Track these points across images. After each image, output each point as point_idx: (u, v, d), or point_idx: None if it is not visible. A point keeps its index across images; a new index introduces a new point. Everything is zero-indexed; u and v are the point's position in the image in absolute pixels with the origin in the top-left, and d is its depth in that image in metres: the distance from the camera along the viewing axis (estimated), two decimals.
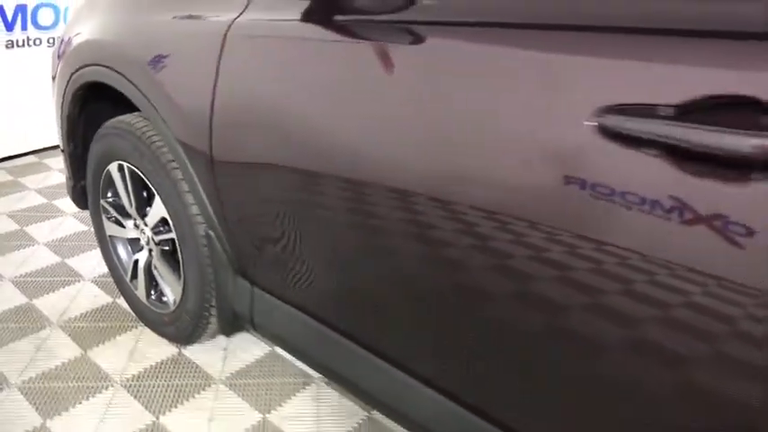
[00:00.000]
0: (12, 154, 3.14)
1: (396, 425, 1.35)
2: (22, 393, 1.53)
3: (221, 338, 1.75)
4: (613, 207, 0.68)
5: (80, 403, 1.50)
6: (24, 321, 1.81)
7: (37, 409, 1.48)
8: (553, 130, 0.74)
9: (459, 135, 0.84)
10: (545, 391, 0.86)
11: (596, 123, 0.69)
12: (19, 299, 1.93)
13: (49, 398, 1.51)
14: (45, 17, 3.06)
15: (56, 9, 3.07)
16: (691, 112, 0.63)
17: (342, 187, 1.03)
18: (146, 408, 1.50)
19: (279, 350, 1.71)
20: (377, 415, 1.49)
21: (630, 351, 0.73)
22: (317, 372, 1.44)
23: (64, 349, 1.70)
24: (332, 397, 1.56)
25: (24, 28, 3.02)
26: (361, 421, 1.48)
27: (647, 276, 0.68)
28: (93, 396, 1.53)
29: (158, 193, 1.49)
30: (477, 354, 0.94)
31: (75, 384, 1.57)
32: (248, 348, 1.73)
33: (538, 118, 0.75)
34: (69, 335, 1.76)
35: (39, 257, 2.19)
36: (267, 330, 1.38)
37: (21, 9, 2.96)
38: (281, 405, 1.52)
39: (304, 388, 1.58)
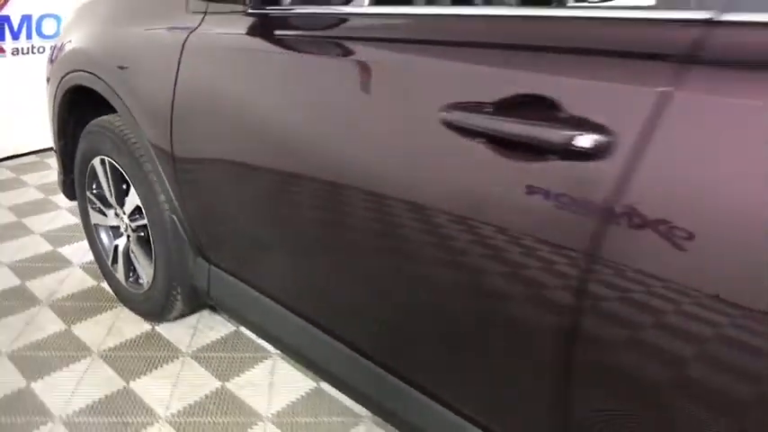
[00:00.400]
0: (15, 153, 3.37)
1: (341, 395, 1.54)
2: (10, 360, 1.72)
3: (192, 318, 1.93)
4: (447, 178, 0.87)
5: (61, 369, 1.69)
6: (17, 300, 2.01)
7: (23, 373, 1.67)
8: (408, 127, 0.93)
9: (364, 128, 1.03)
10: (431, 342, 1.04)
11: (444, 120, 0.87)
12: (13, 281, 2.13)
13: (34, 364, 1.71)
14: (48, 27, 3.30)
15: (58, 19, 3.30)
16: (504, 108, 0.81)
17: (278, 178, 1.22)
18: (118, 374, 1.69)
19: (242, 329, 1.89)
20: (324, 386, 1.67)
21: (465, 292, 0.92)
22: (264, 339, 1.63)
23: (50, 324, 1.90)
24: (286, 369, 1.73)
25: (29, 37, 3.26)
26: (309, 390, 1.66)
27: (469, 234, 0.86)
28: (72, 363, 1.72)
29: (133, 184, 1.69)
30: (388, 321, 1.12)
31: (58, 354, 1.76)
32: (215, 327, 1.92)
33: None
34: (56, 312, 1.96)
35: (34, 245, 2.39)
36: (221, 303, 1.57)
37: (26, 19, 3.20)
38: (238, 375, 1.71)
39: (261, 361, 1.76)
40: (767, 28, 0.64)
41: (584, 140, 0.72)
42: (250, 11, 1.25)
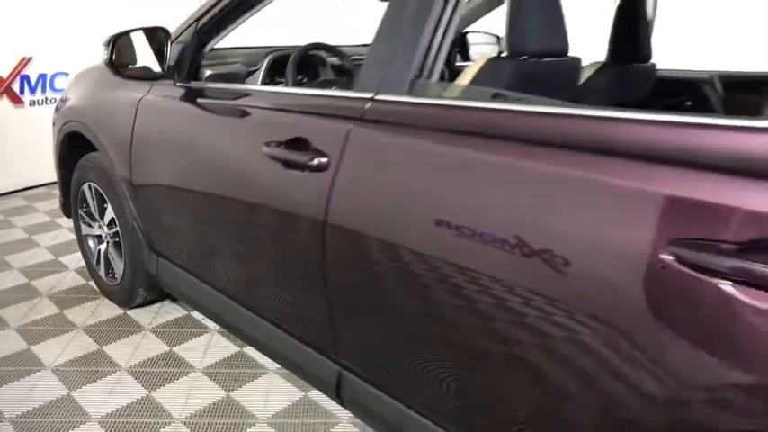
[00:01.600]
0: (29, 185, 4.06)
1: (262, 358, 2.12)
2: (17, 332, 2.34)
3: (155, 306, 2.55)
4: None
5: (52, 338, 2.31)
6: (24, 294, 2.65)
7: (25, 340, 2.29)
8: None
9: (240, 158, 1.66)
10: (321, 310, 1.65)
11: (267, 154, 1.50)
12: (23, 280, 2.77)
13: (32, 335, 2.33)
14: (60, 82, 4.04)
15: (67, 76, 4.04)
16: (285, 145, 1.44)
17: (197, 195, 1.85)
18: (95, 342, 2.29)
19: (193, 313, 2.50)
20: (250, 350, 2.26)
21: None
22: (196, 310, 2.23)
23: (47, 309, 2.52)
24: (221, 339, 2.33)
25: (44, 91, 4.00)
26: (235, 351, 2.25)
27: (307, 231, 1.48)
28: (60, 335, 2.33)
29: (110, 202, 2.34)
30: (284, 292, 1.71)
31: (52, 329, 2.38)
32: (172, 312, 2.53)
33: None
34: (53, 301, 2.59)
35: (39, 255, 3.04)
36: (164, 282, 2.19)
37: (42, 77, 3.94)
38: (183, 343, 2.30)
39: (202, 334, 2.36)
40: (401, 105, 1.27)
41: (317, 160, 1.34)
42: (178, 84, 1.91)
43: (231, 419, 1.88)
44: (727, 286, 0.78)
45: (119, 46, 1.87)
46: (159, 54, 1.84)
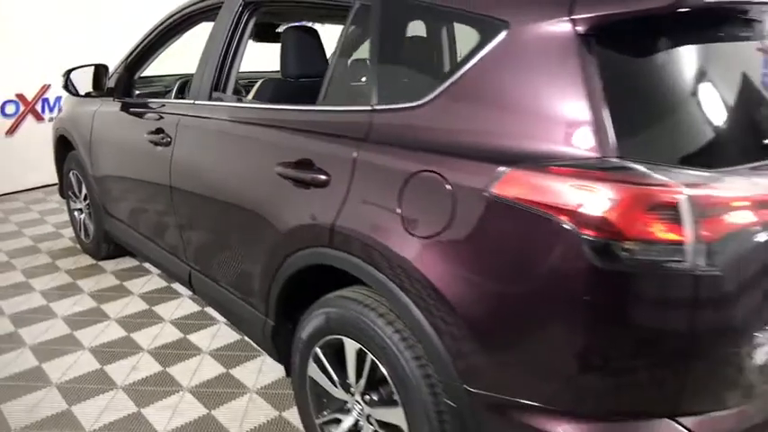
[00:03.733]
0: (46, 183, 5.20)
1: (221, 320, 3.11)
2: (46, 300, 3.40)
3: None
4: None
5: (64, 295, 3.36)
6: (27, 256, 3.73)
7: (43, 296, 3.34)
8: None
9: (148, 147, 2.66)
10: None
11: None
12: (25, 242, 3.86)
13: (40, 285, 3.38)
14: None
15: None
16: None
17: (129, 175, 2.86)
18: (83, 287, 3.32)
19: (156, 273, 3.51)
20: (214, 313, 3.24)
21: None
22: (133, 252, 3.24)
23: (49, 277, 3.58)
24: (184, 296, 3.32)
25: (60, 110, 5.14)
26: (199, 310, 3.24)
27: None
28: (69, 298, 3.38)
29: (84, 184, 3.39)
30: (161, 227, 2.71)
31: (59, 293, 3.43)
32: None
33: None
34: (52, 258, 3.65)
35: (48, 228, 4.13)
36: (113, 234, 3.21)
37: (58, 99, 5.10)
38: (147, 288, 3.30)
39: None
40: (203, 106, 2.24)
41: (166, 140, 2.31)
42: (116, 100, 2.93)
43: None
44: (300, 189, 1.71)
45: (72, 76, 2.91)
46: (98, 81, 2.87)
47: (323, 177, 1.62)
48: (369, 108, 1.57)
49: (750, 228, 1.14)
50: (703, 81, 1.31)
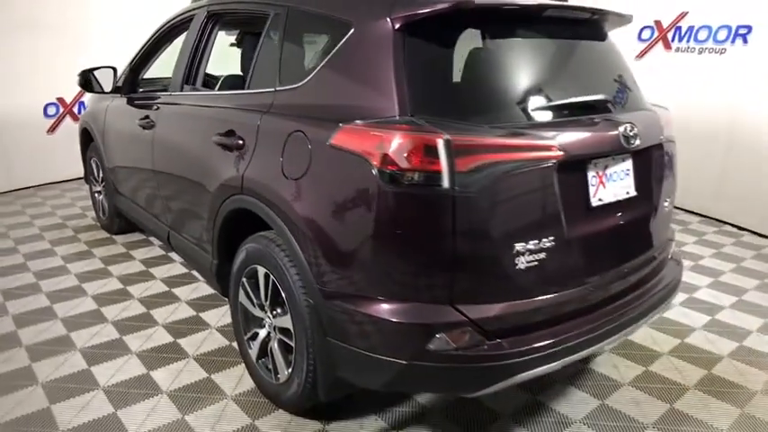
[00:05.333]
0: (78, 176, 5.92)
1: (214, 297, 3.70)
2: (64, 262, 4.05)
3: (133, 235, 4.19)
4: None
5: (80, 256, 4.01)
6: (56, 231, 4.40)
7: (62, 258, 4.00)
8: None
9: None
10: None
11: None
12: (56, 220, 4.54)
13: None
14: None
15: None
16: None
17: (131, 157, 3.47)
18: (95, 254, 3.95)
19: (158, 244, 4.11)
20: (197, 278, 3.83)
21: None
22: (136, 224, 3.84)
23: (67, 245, 4.24)
24: (176, 261, 3.92)
25: None
26: (186, 272, 3.83)
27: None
28: (80, 262, 4.02)
29: (101, 168, 4.03)
30: (162, 204, 3.30)
31: (78, 263, 4.08)
32: (140, 237, 4.16)
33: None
34: (75, 232, 4.31)
35: (75, 209, 4.82)
36: (120, 208, 3.83)
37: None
38: (149, 255, 3.91)
39: (167, 256, 3.97)
40: (177, 95, 2.80)
41: (239, 142, 2.79)
42: (124, 96, 3.54)
43: None
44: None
45: (84, 76, 3.54)
46: (108, 81, 3.50)
47: (240, 142, 2.16)
48: (273, 90, 2.10)
49: (497, 163, 1.59)
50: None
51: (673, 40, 5.13)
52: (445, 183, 1.55)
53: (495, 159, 1.59)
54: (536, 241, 1.66)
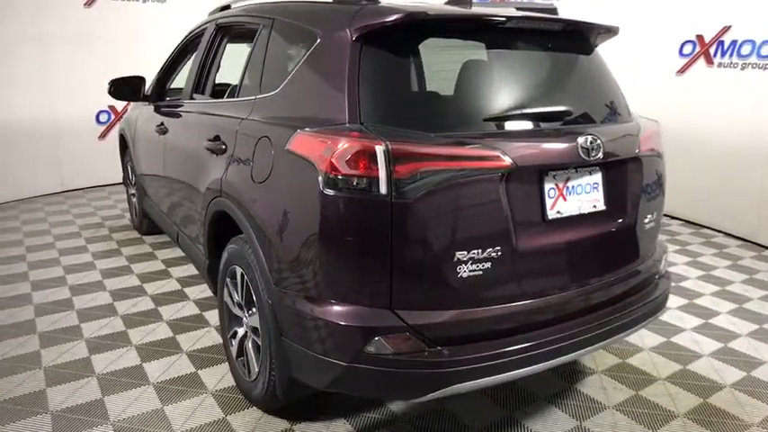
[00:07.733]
0: (112, 182, 6.29)
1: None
2: (93, 258, 4.33)
3: (162, 236, 4.41)
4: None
5: (105, 251, 4.27)
6: (95, 230, 4.69)
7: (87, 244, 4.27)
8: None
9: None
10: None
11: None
12: (91, 211, 4.84)
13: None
14: None
15: None
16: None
17: (159, 165, 3.68)
18: (123, 252, 4.20)
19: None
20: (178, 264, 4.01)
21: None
22: (152, 217, 4.05)
23: (97, 238, 4.52)
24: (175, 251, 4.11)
25: None
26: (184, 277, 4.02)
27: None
28: (106, 259, 4.29)
29: (132, 171, 4.29)
30: (173, 204, 3.48)
31: (102, 248, 4.35)
32: (167, 238, 4.38)
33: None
34: (104, 225, 4.59)
35: (117, 211, 5.12)
36: (146, 209, 4.05)
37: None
38: (168, 254, 4.12)
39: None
40: (187, 103, 2.96)
41: (222, 147, 2.98)
42: (151, 104, 3.77)
43: None
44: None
45: (115, 85, 3.77)
46: (138, 90, 3.73)
47: (223, 147, 2.26)
48: (254, 98, 2.19)
49: (438, 172, 1.60)
50: (374, 72, 1.74)
51: (715, 55, 4.91)
52: (383, 189, 1.57)
53: (435, 168, 1.60)
54: (478, 251, 1.65)
